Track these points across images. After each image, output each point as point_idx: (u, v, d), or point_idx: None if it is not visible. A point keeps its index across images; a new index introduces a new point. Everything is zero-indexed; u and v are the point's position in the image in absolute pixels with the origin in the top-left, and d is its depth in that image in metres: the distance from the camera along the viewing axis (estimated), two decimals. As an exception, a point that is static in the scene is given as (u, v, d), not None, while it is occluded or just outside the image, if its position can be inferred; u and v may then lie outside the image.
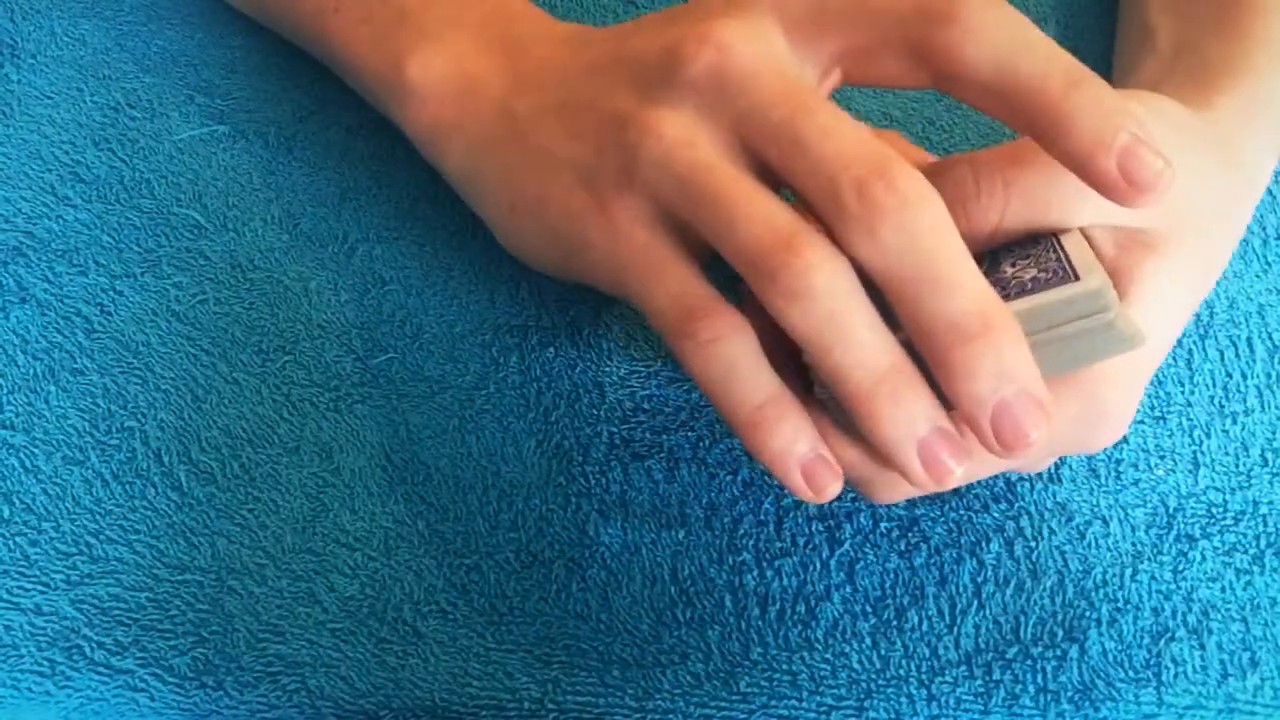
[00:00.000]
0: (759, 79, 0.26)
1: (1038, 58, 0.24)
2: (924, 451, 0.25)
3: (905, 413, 0.24)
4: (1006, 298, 0.25)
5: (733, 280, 0.27)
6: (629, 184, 0.28)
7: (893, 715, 0.30)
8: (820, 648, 0.31)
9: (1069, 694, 0.30)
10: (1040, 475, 0.33)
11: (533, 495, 0.33)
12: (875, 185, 0.24)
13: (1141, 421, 0.34)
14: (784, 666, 0.30)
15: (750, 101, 0.26)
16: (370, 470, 0.34)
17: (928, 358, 0.24)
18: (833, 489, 0.26)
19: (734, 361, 0.26)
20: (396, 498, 0.33)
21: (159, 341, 0.36)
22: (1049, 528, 0.32)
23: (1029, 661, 0.30)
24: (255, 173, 0.40)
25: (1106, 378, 0.27)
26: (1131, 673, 0.30)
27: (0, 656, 0.31)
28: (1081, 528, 0.32)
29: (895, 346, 0.25)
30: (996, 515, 0.32)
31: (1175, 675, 0.30)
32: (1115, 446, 0.33)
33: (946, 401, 0.25)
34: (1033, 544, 0.32)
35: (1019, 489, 0.33)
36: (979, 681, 0.30)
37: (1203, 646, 0.30)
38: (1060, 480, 0.33)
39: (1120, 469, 0.33)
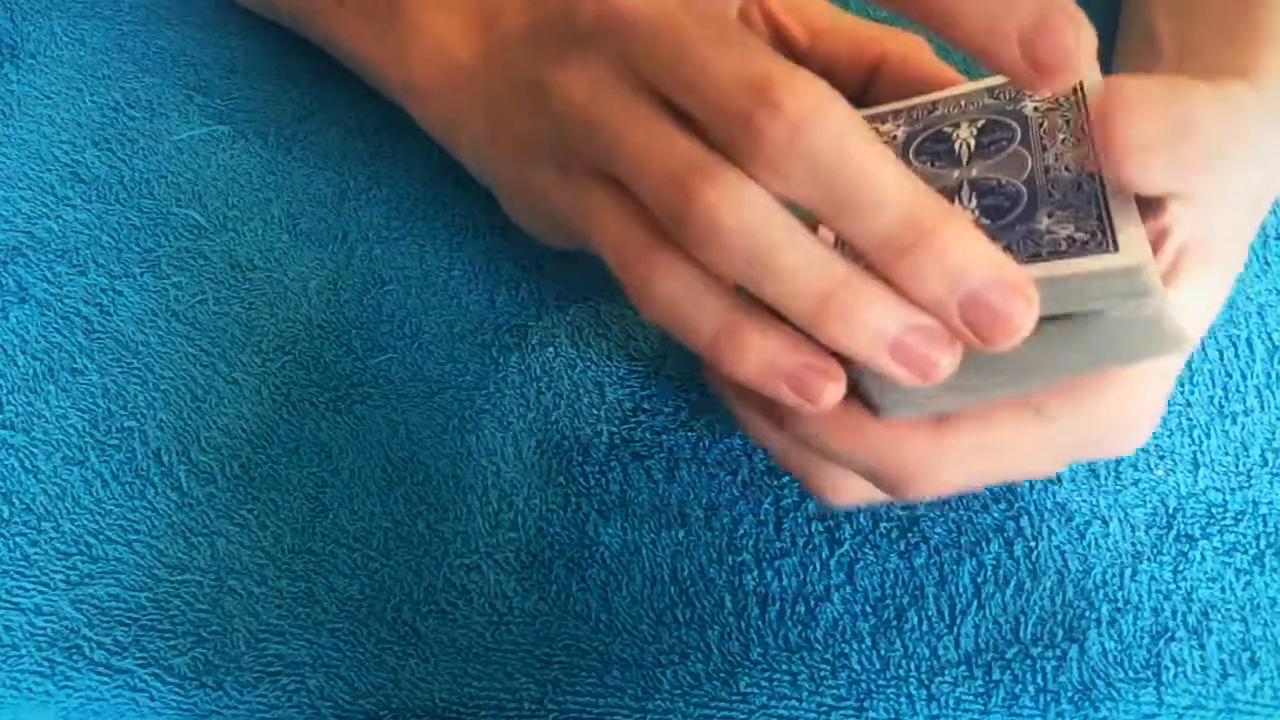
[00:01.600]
0: (640, 14, 0.24)
1: None
2: (898, 354, 0.22)
3: (862, 325, 0.22)
4: (1036, 256, 0.23)
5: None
6: (574, 154, 0.27)
7: (893, 715, 0.30)
8: (820, 648, 0.31)
9: (1069, 694, 0.30)
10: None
11: (533, 495, 0.33)
12: (760, 116, 0.21)
13: (1141, 421, 0.34)
14: (784, 667, 0.30)
15: (637, 44, 0.24)
16: (370, 470, 0.34)
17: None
18: (830, 392, 0.24)
19: (670, 294, 0.24)
20: (396, 498, 0.33)
21: (159, 341, 0.36)
22: (1049, 528, 0.32)
23: (1029, 661, 0.30)
24: (255, 173, 0.40)
25: (1138, 383, 0.26)
26: (1131, 673, 0.30)
27: (0, 656, 0.31)
28: (1081, 528, 0.32)
29: (832, 260, 0.22)
30: (996, 515, 0.32)
31: (1175, 675, 0.30)
32: (1115, 446, 0.33)
33: None
34: (1032, 544, 0.32)
35: (1018, 489, 0.33)
36: (979, 681, 0.30)
37: (1202, 646, 0.30)
38: (1060, 480, 0.33)
39: (1120, 469, 0.33)
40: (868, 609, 0.31)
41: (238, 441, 0.34)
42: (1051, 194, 0.25)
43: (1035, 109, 0.27)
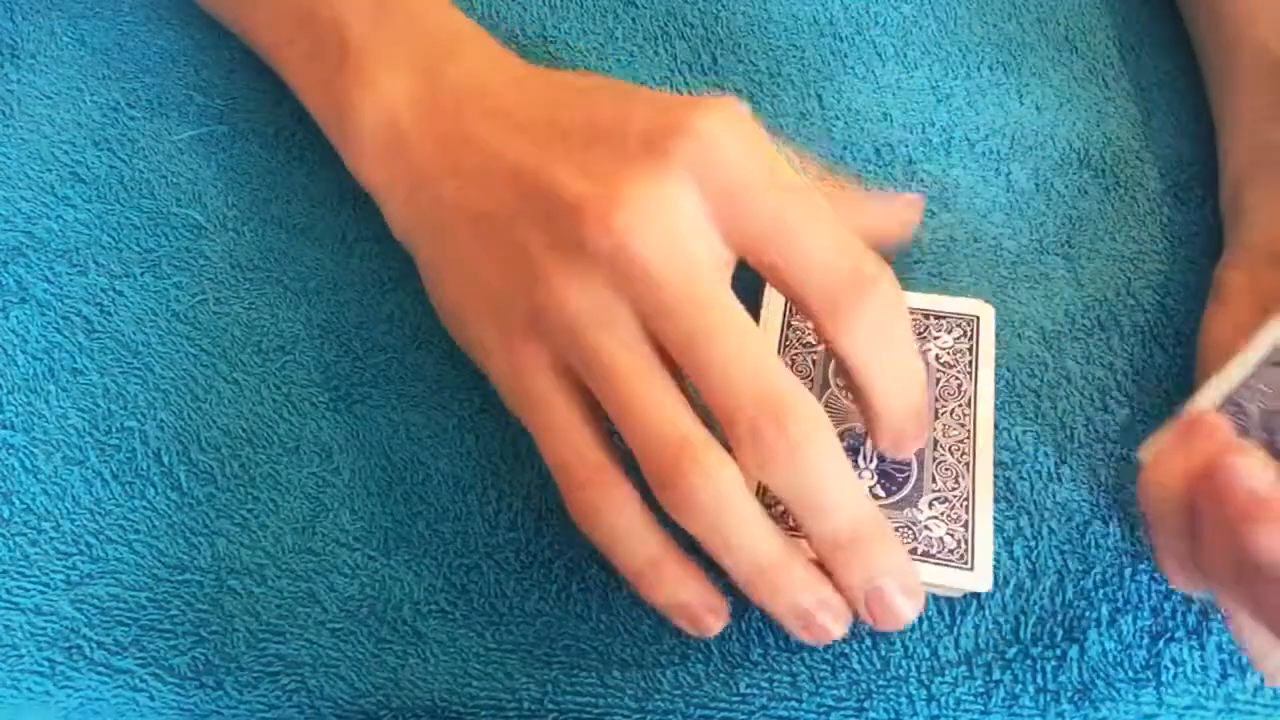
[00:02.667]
0: (662, 277, 0.26)
1: (893, 400, 0.28)
2: (805, 621, 0.28)
3: (785, 595, 0.27)
4: (912, 550, 0.30)
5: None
6: (535, 336, 0.28)
7: (893, 715, 0.30)
8: (820, 648, 0.31)
9: (1069, 694, 0.30)
10: (1039, 474, 0.33)
11: (532, 495, 0.33)
12: (768, 429, 0.26)
13: (1141, 421, 0.34)
14: (784, 667, 0.30)
15: (653, 301, 0.26)
16: (370, 470, 0.34)
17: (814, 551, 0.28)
18: (715, 625, 0.29)
19: (614, 527, 0.28)
20: (396, 497, 0.33)
21: (159, 341, 0.36)
22: (1049, 527, 0.32)
23: (1029, 661, 0.30)
24: (255, 173, 0.40)
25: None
26: (1131, 673, 0.30)
27: (0, 656, 0.31)
28: (1081, 527, 0.32)
29: (776, 541, 0.27)
30: (996, 515, 0.32)
31: (1175, 675, 0.30)
32: (1116, 444, 0.33)
33: None
34: (1032, 543, 0.32)
35: (1019, 489, 0.33)
36: (979, 682, 0.30)
37: (1202, 646, 0.30)
38: (1060, 479, 0.33)
39: (1120, 468, 0.33)
40: (868, 609, 0.31)
41: (238, 441, 0.34)
42: (935, 481, 0.31)
43: (937, 357, 0.33)
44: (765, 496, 0.30)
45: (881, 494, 0.31)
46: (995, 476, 0.33)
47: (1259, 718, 0.30)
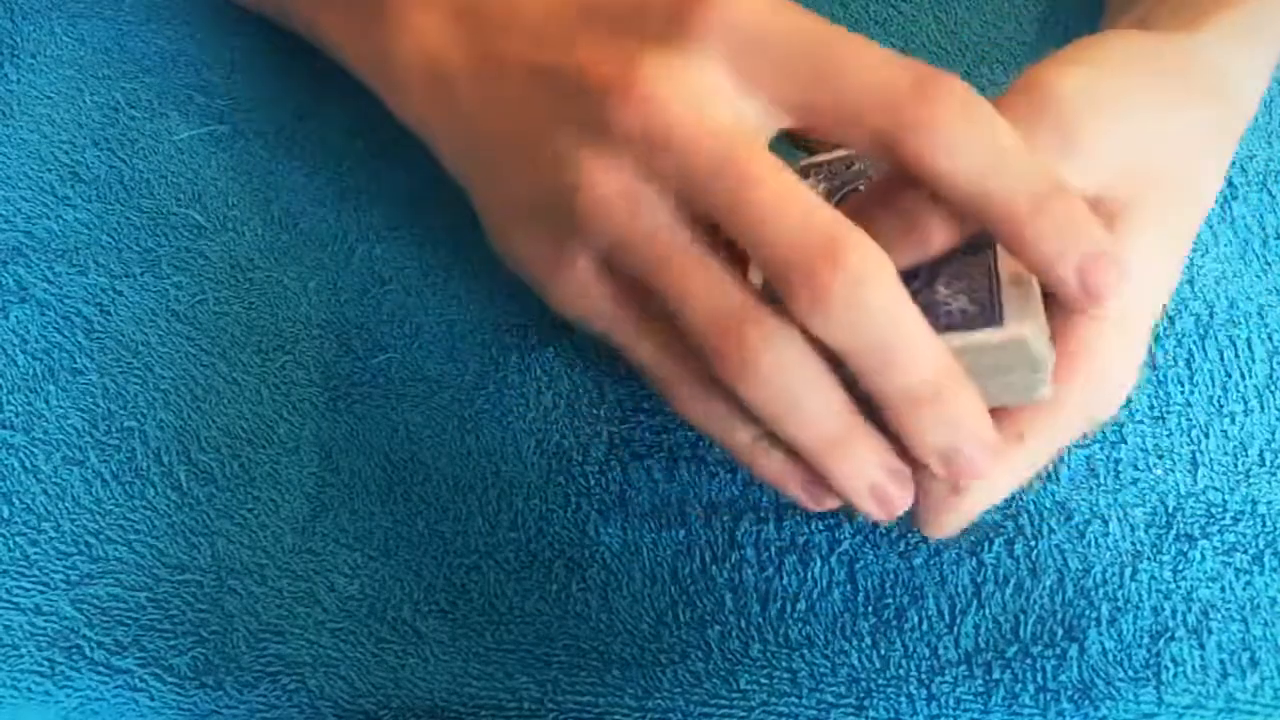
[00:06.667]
0: (693, 141, 0.25)
1: (1007, 178, 0.25)
2: (876, 492, 0.27)
3: (857, 467, 0.26)
4: (934, 328, 0.26)
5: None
6: (575, 233, 0.28)
7: (893, 714, 0.30)
8: (820, 644, 0.31)
9: (1069, 693, 0.30)
10: (1039, 474, 0.33)
11: (532, 495, 0.33)
12: (823, 271, 0.24)
13: (1140, 421, 0.34)
14: (784, 664, 0.30)
15: (686, 167, 0.25)
16: (370, 470, 0.34)
17: (886, 418, 0.26)
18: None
19: (710, 415, 0.27)
20: (396, 497, 0.33)
21: (158, 341, 0.36)
22: (1048, 526, 0.32)
23: (1028, 660, 0.30)
24: (255, 173, 0.40)
25: (1104, 357, 0.27)
26: (1131, 672, 0.30)
27: (0, 656, 0.31)
28: (1081, 527, 0.32)
29: (844, 408, 0.26)
30: (996, 514, 0.32)
31: (1175, 675, 0.30)
32: (1114, 445, 0.33)
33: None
34: (1032, 543, 0.32)
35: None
36: (979, 681, 0.30)
37: (1202, 646, 0.30)
38: (1059, 479, 0.33)
39: (1119, 468, 0.33)
40: (867, 608, 0.31)
41: (238, 441, 0.34)
42: (950, 261, 0.27)
43: None
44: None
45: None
46: None
47: (1259, 717, 0.30)
